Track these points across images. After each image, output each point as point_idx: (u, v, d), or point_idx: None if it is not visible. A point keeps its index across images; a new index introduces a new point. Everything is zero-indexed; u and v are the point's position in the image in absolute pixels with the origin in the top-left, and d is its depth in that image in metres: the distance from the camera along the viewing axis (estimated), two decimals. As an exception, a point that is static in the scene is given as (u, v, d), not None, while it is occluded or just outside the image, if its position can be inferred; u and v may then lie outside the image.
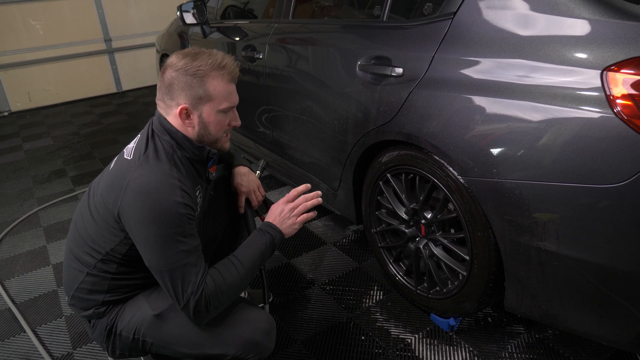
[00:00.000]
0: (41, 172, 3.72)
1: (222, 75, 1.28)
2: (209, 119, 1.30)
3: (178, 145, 1.31)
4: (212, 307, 1.22)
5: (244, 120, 2.82)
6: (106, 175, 1.34)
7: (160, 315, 1.31)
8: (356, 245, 2.39)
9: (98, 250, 1.32)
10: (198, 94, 1.26)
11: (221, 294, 1.23)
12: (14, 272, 2.38)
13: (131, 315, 1.34)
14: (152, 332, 1.32)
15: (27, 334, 1.93)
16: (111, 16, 5.86)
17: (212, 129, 1.32)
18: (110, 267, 1.33)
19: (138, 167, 1.23)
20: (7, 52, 5.35)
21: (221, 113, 1.31)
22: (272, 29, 2.40)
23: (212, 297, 1.21)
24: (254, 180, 1.69)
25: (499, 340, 1.72)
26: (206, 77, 1.26)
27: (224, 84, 1.29)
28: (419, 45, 1.58)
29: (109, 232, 1.30)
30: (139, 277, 1.36)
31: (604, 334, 1.31)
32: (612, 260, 1.20)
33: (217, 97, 1.28)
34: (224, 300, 1.25)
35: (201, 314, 1.22)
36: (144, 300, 1.35)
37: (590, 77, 1.18)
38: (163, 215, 1.17)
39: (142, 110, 5.31)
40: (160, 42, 4.18)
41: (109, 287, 1.34)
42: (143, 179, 1.20)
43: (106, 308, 1.36)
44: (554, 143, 1.23)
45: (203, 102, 1.28)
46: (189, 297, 1.19)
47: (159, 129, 1.32)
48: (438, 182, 1.54)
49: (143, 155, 1.26)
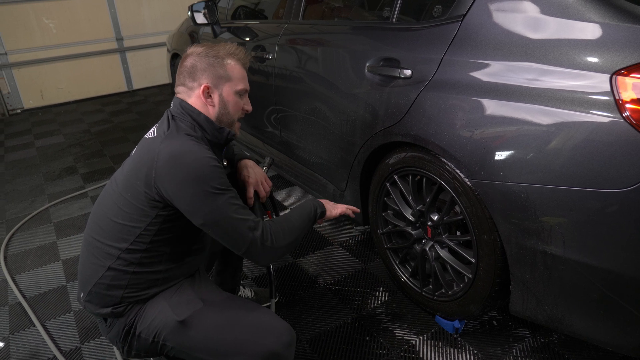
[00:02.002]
0: (52, 169, 3.77)
1: (237, 60, 1.41)
2: (228, 98, 1.40)
3: (199, 127, 1.37)
4: (276, 242, 1.32)
5: (253, 120, 2.85)
6: (129, 161, 1.39)
7: (185, 322, 1.31)
8: (362, 246, 2.39)
9: (124, 238, 1.31)
10: (219, 73, 1.38)
11: (282, 231, 1.34)
12: (24, 267, 2.42)
13: (152, 317, 1.34)
14: (174, 337, 1.32)
15: (36, 327, 1.96)
16: (123, 15, 5.92)
17: (231, 109, 1.42)
18: (133, 257, 1.32)
19: (164, 139, 1.29)
20: (21, 50, 5.43)
21: (237, 95, 1.42)
22: (282, 29, 2.41)
23: (274, 233, 1.32)
24: (260, 172, 1.71)
25: (503, 343, 1.71)
26: (225, 59, 1.39)
27: (239, 68, 1.42)
28: (427, 47, 1.59)
29: (138, 214, 1.30)
30: (159, 270, 1.35)
31: (609, 339, 1.31)
32: (619, 265, 1.19)
33: (234, 78, 1.40)
34: (286, 239, 1.35)
35: (268, 249, 1.30)
36: (166, 304, 1.35)
37: (599, 81, 1.17)
38: (200, 171, 1.24)
39: (153, 109, 5.36)
40: (171, 41, 4.21)
41: (128, 282, 1.33)
42: (172, 147, 1.27)
43: (125, 307, 1.35)
44: (561, 147, 1.23)
45: (223, 82, 1.39)
46: (252, 233, 1.28)
47: (179, 112, 1.37)
48: (445, 184, 1.54)
49: (167, 131, 1.32)
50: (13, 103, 5.56)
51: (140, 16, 6.06)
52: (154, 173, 1.25)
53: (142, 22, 6.09)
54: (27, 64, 5.50)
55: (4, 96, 5.47)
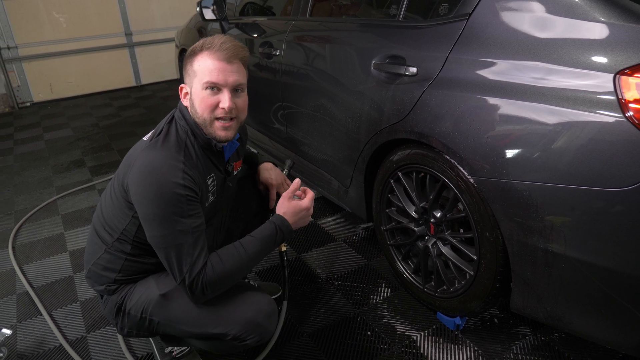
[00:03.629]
0: (60, 161, 3.81)
1: (211, 52, 1.31)
2: (195, 95, 1.34)
3: (192, 132, 1.37)
4: (208, 290, 1.27)
5: (259, 117, 2.87)
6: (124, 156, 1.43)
7: (166, 295, 1.36)
8: (366, 242, 2.41)
9: (114, 230, 1.40)
10: (188, 71, 1.36)
11: (218, 278, 1.27)
12: (32, 258, 2.45)
13: (140, 294, 1.40)
14: (158, 311, 1.37)
15: (43, 317, 1.99)
16: (132, 10, 5.95)
17: (198, 106, 1.33)
18: (125, 247, 1.40)
19: (147, 147, 1.31)
20: (31, 43, 5.48)
21: (206, 90, 1.31)
22: (290, 26, 2.42)
23: (209, 280, 1.26)
24: (280, 174, 1.76)
25: (504, 340, 1.72)
26: (196, 55, 1.33)
27: (211, 60, 1.30)
28: (433, 45, 1.59)
29: (121, 212, 1.37)
30: (151, 262, 1.41)
31: (609, 337, 1.31)
32: (620, 263, 1.20)
33: (200, 72, 1.32)
34: (221, 285, 1.29)
35: (196, 294, 1.27)
36: (153, 282, 1.41)
37: (603, 80, 1.18)
38: (162, 195, 1.22)
39: (160, 104, 5.39)
40: (179, 37, 4.24)
41: (121, 267, 1.41)
42: (149, 158, 1.27)
43: (117, 286, 1.43)
44: (565, 146, 1.23)
45: (191, 78, 1.35)
46: (184, 276, 1.24)
47: (178, 116, 1.40)
48: (448, 181, 1.55)
49: (156, 137, 1.34)
50: (23, 96, 5.62)
51: (150, 11, 6.09)
52: (127, 179, 1.30)
53: (152, 17, 6.12)
54: (37, 57, 5.55)
55: (13, 89, 5.52)
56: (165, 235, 1.24)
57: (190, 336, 1.41)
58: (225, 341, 1.35)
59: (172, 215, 1.23)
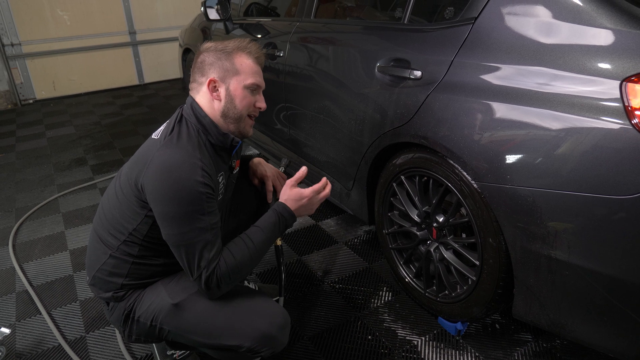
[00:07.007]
0: (62, 159, 3.80)
1: (248, 53, 1.40)
2: (235, 92, 1.38)
3: (204, 130, 1.37)
4: (222, 284, 1.29)
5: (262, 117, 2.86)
6: (133, 156, 1.41)
7: (179, 304, 1.34)
8: (367, 245, 2.40)
9: (121, 231, 1.37)
10: (226, 66, 1.37)
11: (232, 271, 1.29)
12: (32, 256, 2.45)
13: (150, 302, 1.37)
14: (170, 320, 1.35)
15: (42, 316, 1.99)
16: (137, 9, 5.96)
17: (238, 103, 1.39)
18: (132, 250, 1.37)
19: (163, 146, 1.30)
20: (35, 41, 5.48)
21: (247, 90, 1.39)
22: (294, 27, 2.42)
23: (223, 275, 1.28)
24: (272, 167, 1.78)
25: (505, 347, 1.71)
26: (233, 53, 1.38)
27: (250, 61, 1.40)
28: (438, 48, 1.59)
29: (131, 211, 1.34)
30: (159, 263, 1.40)
31: (611, 346, 1.30)
32: (623, 271, 1.19)
33: (243, 72, 1.38)
34: (235, 278, 1.31)
35: (212, 290, 1.28)
36: (163, 289, 1.39)
37: (609, 87, 1.17)
38: (182, 194, 1.23)
39: (163, 102, 5.39)
40: (183, 36, 4.24)
41: (128, 271, 1.38)
42: (166, 156, 1.26)
43: (125, 292, 1.40)
44: (569, 152, 1.23)
45: (230, 75, 1.37)
46: (202, 272, 1.25)
47: (188, 114, 1.39)
48: (451, 186, 1.54)
49: (169, 135, 1.33)
50: (25, 93, 5.62)
51: (154, 10, 6.10)
52: (142, 178, 1.28)
53: (155, 16, 6.13)
54: (40, 54, 5.56)
55: (16, 86, 5.53)
56: (184, 233, 1.24)
57: (202, 346, 1.39)
58: (238, 352, 1.33)
59: (192, 213, 1.24)
